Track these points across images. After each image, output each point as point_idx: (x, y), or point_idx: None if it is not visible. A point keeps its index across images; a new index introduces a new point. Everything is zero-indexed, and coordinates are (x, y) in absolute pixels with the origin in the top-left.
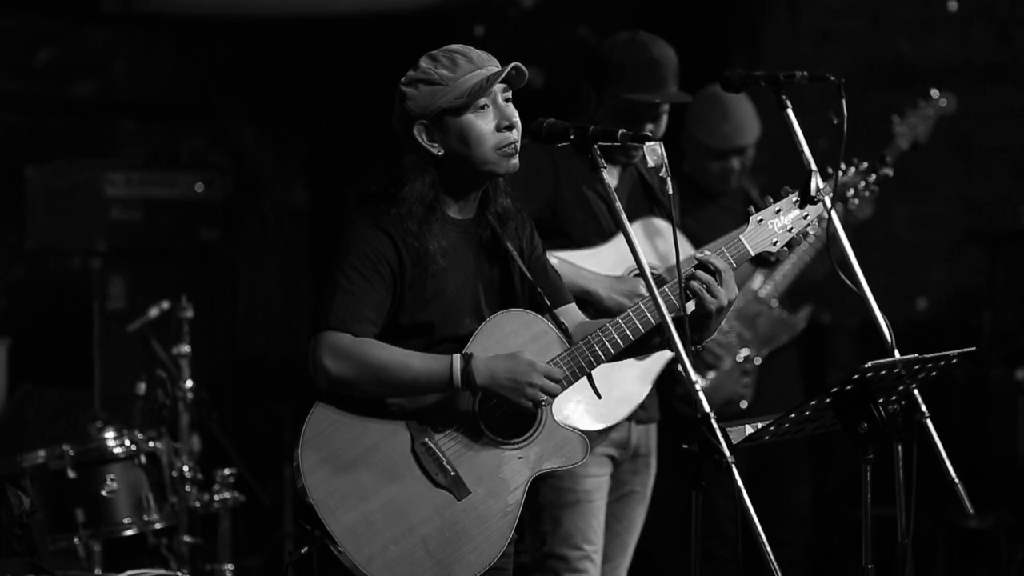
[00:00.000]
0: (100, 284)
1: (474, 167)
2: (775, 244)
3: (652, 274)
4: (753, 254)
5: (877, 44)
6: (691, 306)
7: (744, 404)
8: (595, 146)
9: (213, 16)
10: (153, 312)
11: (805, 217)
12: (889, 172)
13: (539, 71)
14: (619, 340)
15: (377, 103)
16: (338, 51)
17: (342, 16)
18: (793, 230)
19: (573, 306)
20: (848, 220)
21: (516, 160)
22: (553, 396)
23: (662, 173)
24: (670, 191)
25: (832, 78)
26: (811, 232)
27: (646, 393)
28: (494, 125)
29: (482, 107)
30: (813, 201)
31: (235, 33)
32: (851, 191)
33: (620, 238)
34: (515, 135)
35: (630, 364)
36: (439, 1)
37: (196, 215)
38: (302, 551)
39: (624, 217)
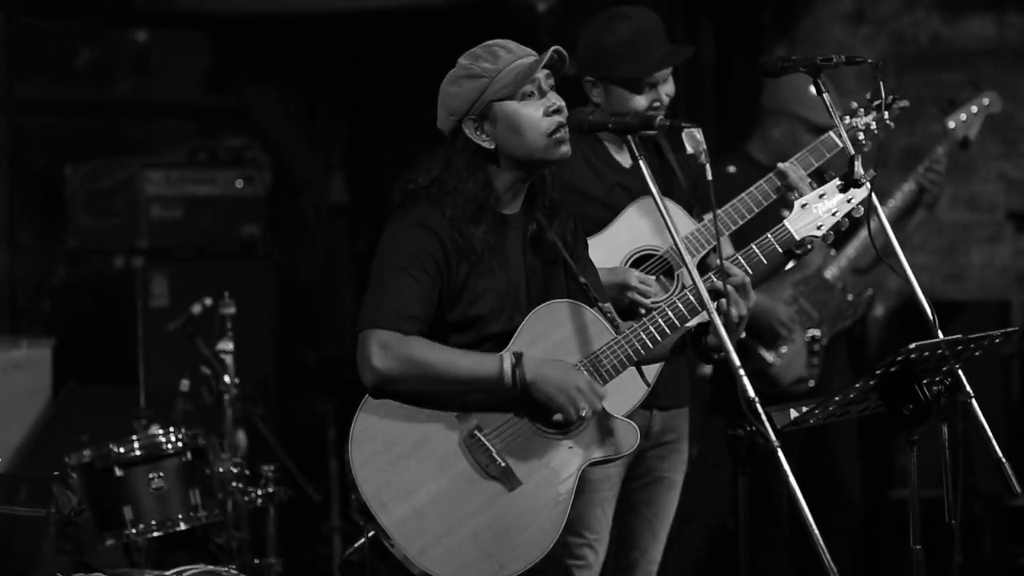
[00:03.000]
0: (142, 282)
1: (527, 155)
2: (820, 228)
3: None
4: (799, 239)
5: (912, 26)
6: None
7: (812, 383)
8: (632, 136)
9: (249, 13)
10: (196, 309)
11: (849, 200)
12: (904, 103)
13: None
14: (665, 327)
15: (414, 98)
16: (375, 45)
17: (378, 11)
18: (837, 214)
19: (609, 304)
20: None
21: (568, 147)
22: (595, 410)
23: (701, 159)
24: (709, 176)
25: (869, 60)
26: (856, 215)
27: (651, 379)
28: (542, 111)
29: (528, 94)
30: (857, 184)
31: (271, 29)
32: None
33: (617, 226)
34: (563, 118)
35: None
36: None
37: (237, 212)
38: (356, 544)
39: (663, 205)
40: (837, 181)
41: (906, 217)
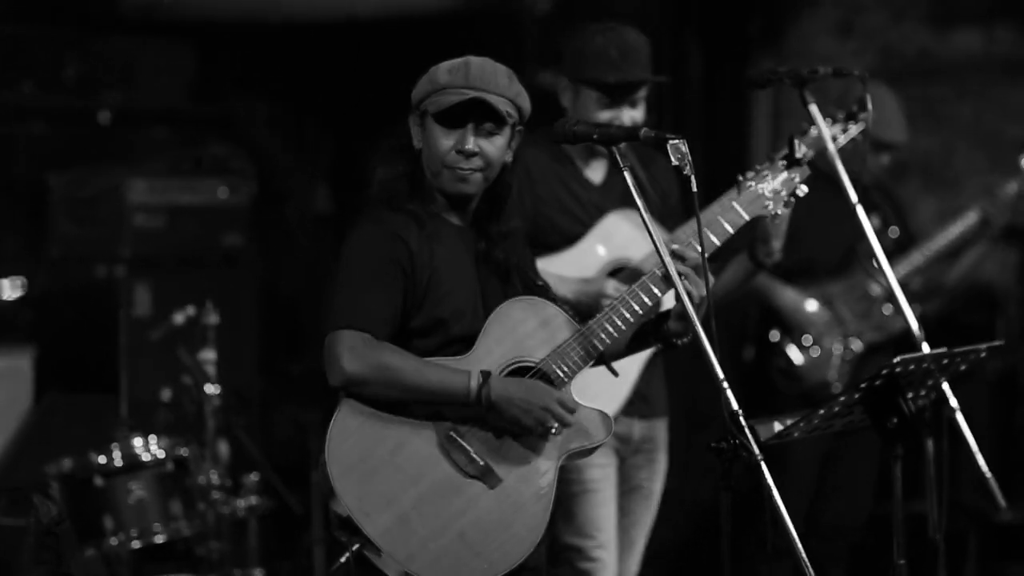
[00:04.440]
0: (125, 291)
1: (430, 174)
2: (767, 207)
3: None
4: (748, 218)
5: (900, 39)
6: (670, 301)
7: (837, 389)
8: (616, 147)
9: (234, 22)
10: (178, 319)
11: (793, 179)
12: (867, 118)
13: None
14: (627, 315)
15: (401, 109)
16: (362, 55)
17: (364, 20)
18: (783, 192)
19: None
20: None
21: (466, 186)
22: (566, 425)
23: (686, 171)
24: (694, 188)
25: (856, 73)
26: (800, 193)
27: (625, 396)
28: (452, 145)
29: (453, 126)
30: (799, 163)
31: (257, 39)
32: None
33: (590, 239)
34: (468, 163)
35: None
36: (461, 3)
37: (220, 221)
38: (341, 560)
39: (647, 216)
40: (780, 161)
41: (966, 247)
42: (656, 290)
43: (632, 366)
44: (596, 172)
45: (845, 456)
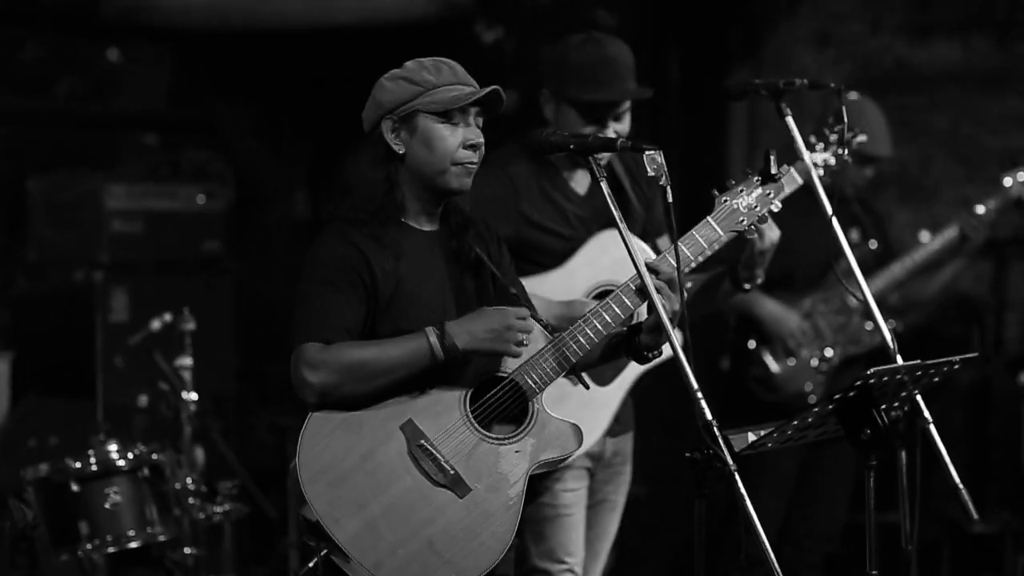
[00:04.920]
0: (102, 296)
1: (431, 175)
2: (742, 223)
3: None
4: (722, 234)
5: (878, 50)
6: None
7: (812, 399)
8: (593, 156)
9: (214, 28)
10: (155, 324)
11: (768, 195)
12: (863, 138)
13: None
14: (600, 327)
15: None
16: (340, 62)
17: (343, 27)
18: (758, 209)
19: (547, 302)
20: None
21: (470, 179)
22: (529, 332)
23: (662, 182)
24: (670, 199)
25: (832, 85)
26: (774, 209)
27: (605, 426)
28: (460, 141)
29: (454, 121)
30: (774, 179)
31: (236, 45)
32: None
33: (576, 260)
34: (476, 156)
35: (592, 394)
36: (439, 12)
37: (198, 227)
38: (309, 565)
39: (623, 227)
40: (756, 177)
41: (944, 262)
42: (629, 302)
43: (615, 394)
44: (581, 182)
45: (823, 465)
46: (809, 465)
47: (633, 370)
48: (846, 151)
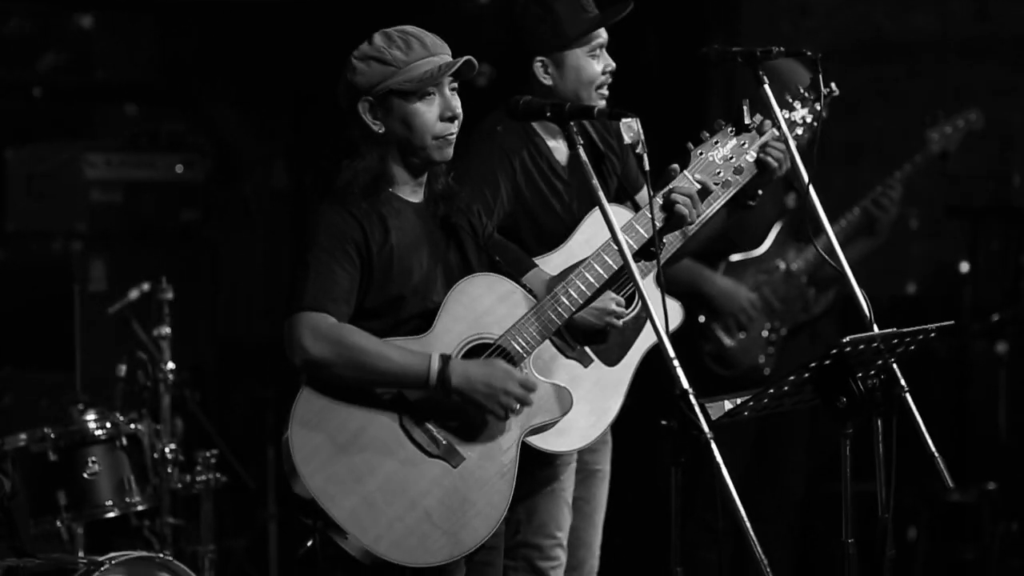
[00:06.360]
0: (81, 266)
1: (412, 151)
2: (719, 174)
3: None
4: (698, 187)
5: (856, 19)
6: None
7: (767, 371)
8: (571, 123)
9: None
10: (133, 294)
11: (743, 145)
12: (833, 90)
13: (490, 68)
14: (583, 288)
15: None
16: (318, 33)
17: None
18: (734, 159)
19: (537, 270)
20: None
21: (451, 150)
22: (528, 405)
23: (639, 149)
24: (647, 167)
25: (809, 53)
26: (750, 159)
27: (621, 401)
28: (438, 114)
29: (429, 94)
30: (747, 129)
31: (216, 15)
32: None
33: (576, 239)
34: (455, 127)
35: (603, 374)
36: None
37: (176, 197)
38: (307, 544)
39: (601, 194)
40: (729, 128)
41: (852, 242)
42: (611, 261)
43: (624, 372)
44: (561, 150)
45: (777, 435)
46: (763, 436)
47: (639, 348)
48: (819, 107)
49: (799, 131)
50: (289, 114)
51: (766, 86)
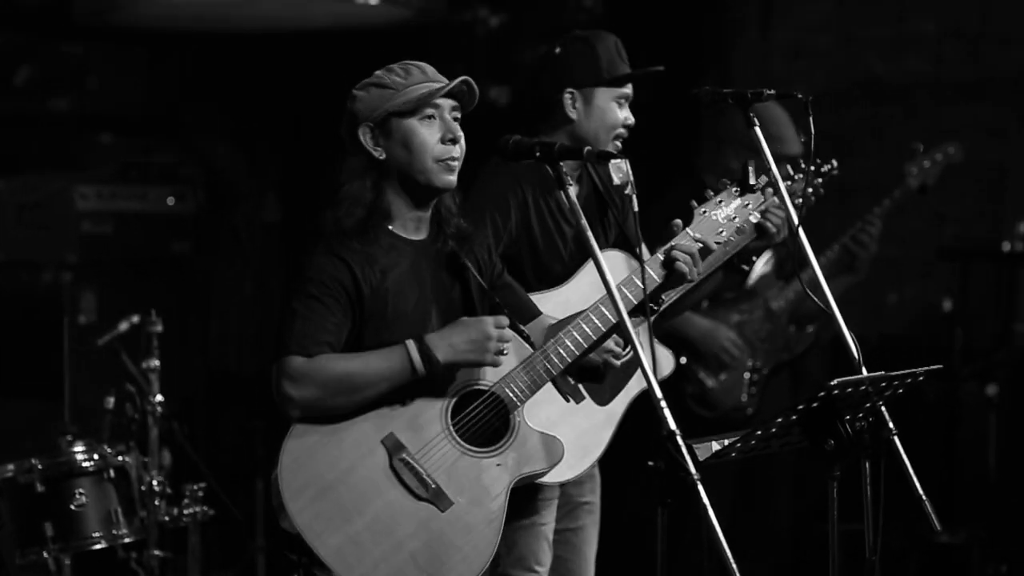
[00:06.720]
0: (71, 297)
1: (413, 176)
2: (721, 234)
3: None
4: (699, 246)
5: (849, 61)
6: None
7: (750, 411)
8: (560, 164)
9: (186, 30)
10: (123, 326)
11: (747, 206)
12: (834, 167)
13: (504, 90)
14: (575, 344)
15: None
16: (311, 65)
17: (315, 31)
18: (736, 219)
19: (542, 318)
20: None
21: (454, 177)
22: (508, 341)
23: (628, 191)
24: (635, 208)
25: (799, 96)
26: (753, 220)
27: (609, 438)
28: (438, 137)
29: (429, 116)
30: (752, 190)
31: (207, 47)
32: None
33: (582, 278)
34: (457, 151)
35: (594, 411)
36: (411, 16)
37: (167, 229)
38: None
39: (592, 242)
40: (733, 187)
41: (833, 279)
42: (609, 314)
43: (615, 413)
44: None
45: (757, 474)
46: (746, 473)
47: (630, 391)
48: (816, 170)
49: (798, 201)
50: (281, 146)
51: (756, 128)
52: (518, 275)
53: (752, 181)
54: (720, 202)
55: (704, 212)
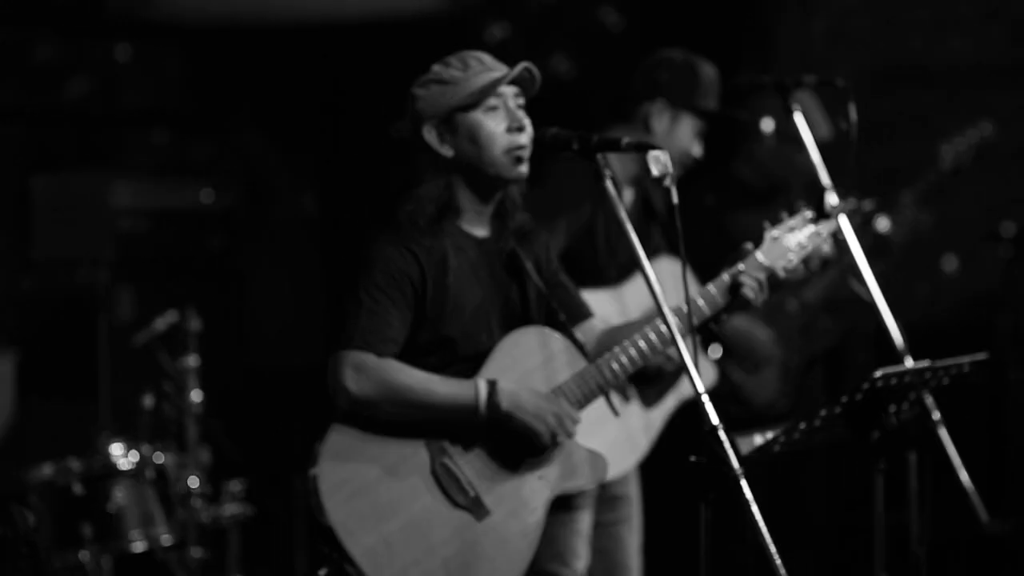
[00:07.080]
0: (107, 295)
1: (484, 169)
2: (790, 260)
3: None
4: (767, 272)
5: (891, 45)
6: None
7: (783, 407)
8: (599, 156)
9: (221, 24)
10: (160, 324)
11: (819, 234)
12: (872, 206)
13: (564, 57)
14: (627, 363)
15: (389, 111)
16: (348, 58)
17: (352, 22)
18: (807, 247)
19: (593, 320)
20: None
21: (525, 167)
22: (570, 436)
23: (667, 183)
24: (675, 200)
25: (840, 82)
26: (825, 249)
27: (646, 447)
28: (504, 127)
29: (493, 107)
30: (827, 217)
31: (244, 40)
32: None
33: (633, 285)
34: (524, 139)
35: (639, 412)
36: (450, 4)
37: (204, 225)
38: (320, 573)
39: (636, 242)
40: (807, 213)
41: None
42: (665, 330)
43: (657, 417)
44: (627, 199)
45: (794, 469)
46: (783, 465)
47: (675, 396)
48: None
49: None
50: (319, 142)
51: (797, 114)
52: (576, 270)
53: (828, 208)
54: (792, 227)
55: (776, 237)
